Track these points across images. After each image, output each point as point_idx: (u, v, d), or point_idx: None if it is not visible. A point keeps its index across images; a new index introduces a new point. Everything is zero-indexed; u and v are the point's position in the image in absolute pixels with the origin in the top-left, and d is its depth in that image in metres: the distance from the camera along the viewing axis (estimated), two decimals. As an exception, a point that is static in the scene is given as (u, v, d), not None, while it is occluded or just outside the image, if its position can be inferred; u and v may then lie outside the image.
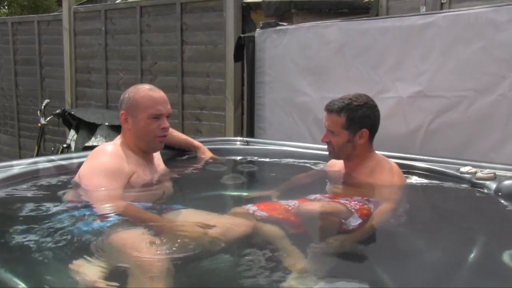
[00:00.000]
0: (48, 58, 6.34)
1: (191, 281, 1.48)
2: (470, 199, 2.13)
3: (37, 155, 5.35)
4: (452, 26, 2.76)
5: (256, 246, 1.69)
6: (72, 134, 5.06)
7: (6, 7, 16.29)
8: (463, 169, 2.23)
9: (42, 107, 5.19)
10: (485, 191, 2.08)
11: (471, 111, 2.70)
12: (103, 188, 1.99)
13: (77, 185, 2.06)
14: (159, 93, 2.16)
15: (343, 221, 1.79)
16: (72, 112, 5.04)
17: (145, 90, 2.15)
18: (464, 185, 2.18)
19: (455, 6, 3.31)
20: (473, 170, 2.20)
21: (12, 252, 1.55)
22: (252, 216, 1.84)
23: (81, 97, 5.92)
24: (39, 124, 5.19)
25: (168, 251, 1.52)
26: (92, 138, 4.63)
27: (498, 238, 1.78)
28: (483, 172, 2.16)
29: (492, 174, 2.14)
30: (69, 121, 5.11)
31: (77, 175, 2.09)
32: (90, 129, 4.83)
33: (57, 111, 5.12)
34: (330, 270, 1.57)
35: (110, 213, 1.81)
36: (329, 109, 2.20)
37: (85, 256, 1.49)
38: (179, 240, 1.61)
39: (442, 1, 3.42)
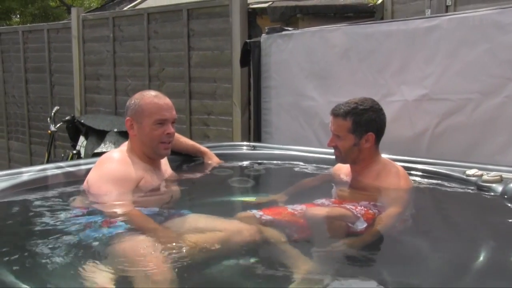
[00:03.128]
0: (58, 65, 6.42)
1: (196, 286, 1.49)
2: (476, 202, 2.13)
3: (47, 161, 5.41)
4: (457, 29, 2.76)
5: (261, 250, 1.71)
6: (81, 141, 5.11)
7: (19, 16, 16.51)
8: (469, 171, 2.23)
9: (52, 114, 5.25)
10: (491, 193, 2.08)
11: (476, 114, 2.69)
12: (111, 195, 2.01)
13: (85, 192, 2.09)
14: (164, 100, 2.18)
15: (350, 225, 1.80)
16: (82, 121, 5.10)
17: (150, 97, 2.16)
18: (470, 188, 2.17)
19: (460, 9, 3.31)
20: (479, 172, 2.19)
21: (20, 257, 1.57)
22: (258, 220, 1.85)
23: (90, 103, 5.98)
24: (49, 131, 5.25)
25: (173, 256, 1.54)
26: (102, 145, 4.68)
27: (505, 240, 1.77)
28: (489, 175, 2.15)
29: (499, 177, 2.13)
30: (78, 128, 5.16)
31: (85, 182, 2.11)
32: (99, 135, 4.88)
33: (67, 118, 5.18)
34: (336, 274, 1.57)
35: (117, 219, 1.83)
36: (335, 113, 2.21)
37: (93, 262, 1.52)
38: (184, 245, 1.63)
39: (447, 4, 3.42)
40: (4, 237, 1.78)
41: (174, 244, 1.63)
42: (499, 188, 2.07)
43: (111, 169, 2.07)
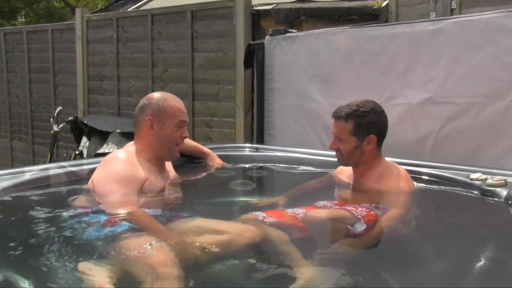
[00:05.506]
0: (61, 66, 6.44)
1: (199, 286, 1.48)
2: (480, 206, 2.11)
3: (50, 162, 5.41)
4: (462, 32, 2.75)
5: (264, 252, 1.71)
6: (84, 141, 5.13)
7: (23, 17, 16.60)
8: (473, 175, 2.21)
9: (55, 114, 5.27)
10: (496, 198, 2.06)
11: (481, 118, 2.67)
12: (116, 195, 2.01)
13: (90, 191, 2.09)
14: (182, 104, 2.26)
15: (349, 227, 1.79)
16: (85, 121, 5.11)
17: (173, 100, 2.22)
18: (474, 192, 2.15)
19: (465, 12, 3.29)
20: (484, 176, 2.18)
21: (22, 255, 1.57)
22: (261, 222, 1.85)
23: (93, 104, 5.99)
24: (52, 131, 5.27)
25: (177, 257, 1.53)
26: (104, 145, 4.69)
27: (509, 245, 1.76)
28: (493, 179, 2.13)
29: (503, 181, 2.11)
30: (81, 128, 5.17)
31: (90, 181, 2.11)
32: (102, 136, 4.89)
33: (70, 118, 5.20)
34: (337, 276, 1.56)
35: (121, 219, 1.82)
36: (337, 116, 2.20)
37: (95, 260, 1.52)
38: (188, 247, 1.63)
39: (452, 7, 3.41)
40: (6, 236, 1.78)
41: (178, 244, 1.62)
42: (503, 192, 2.05)
43: (117, 169, 2.07)
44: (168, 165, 2.32)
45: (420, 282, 1.51)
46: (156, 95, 2.25)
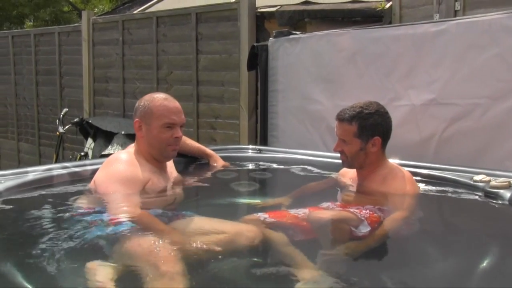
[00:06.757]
0: (68, 68, 6.48)
1: (200, 285, 1.49)
2: (484, 208, 2.10)
3: (55, 163, 5.44)
4: (465, 33, 2.74)
5: (265, 252, 1.70)
6: (89, 143, 5.15)
7: (32, 21, 16.78)
8: (476, 177, 2.20)
9: (61, 115, 5.30)
10: (499, 200, 2.04)
11: (485, 119, 2.66)
12: (118, 195, 2.02)
13: (92, 192, 2.10)
14: (174, 103, 2.18)
15: (353, 229, 1.78)
16: (90, 121, 5.14)
17: (160, 100, 2.17)
18: (478, 194, 2.14)
19: (469, 14, 3.28)
20: (487, 178, 2.17)
21: (25, 255, 1.58)
22: (262, 222, 1.85)
23: (98, 106, 6.02)
24: (58, 133, 5.30)
25: (179, 256, 1.53)
26: (109, 147, 4.71)
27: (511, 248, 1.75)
28: (497, 181, 2.12)
29: (507, 183, 2.10)
30: (87, 129, 5.20)
31: (92, 182, 2.12)
32: (107, 137, 4.91)
33: (75, 120, 5.22)
34: (340, 277, 1.56)
35: (124, 218, 1.83)
36: (340, 118, 2.20)
37: (98, 260, 1.52)
38: (190, 246, 1.63)
39: (456, 9, 3.40)
40: (9, 235, 1.79)
41: (180, 244, 1.63)
42: (507, 194, 2.03)
43: (119, 170, 2.08)
44: (170, 166, 2.32)
45: (423, 284, 1.51)
46: (147, 96, 2.22)
